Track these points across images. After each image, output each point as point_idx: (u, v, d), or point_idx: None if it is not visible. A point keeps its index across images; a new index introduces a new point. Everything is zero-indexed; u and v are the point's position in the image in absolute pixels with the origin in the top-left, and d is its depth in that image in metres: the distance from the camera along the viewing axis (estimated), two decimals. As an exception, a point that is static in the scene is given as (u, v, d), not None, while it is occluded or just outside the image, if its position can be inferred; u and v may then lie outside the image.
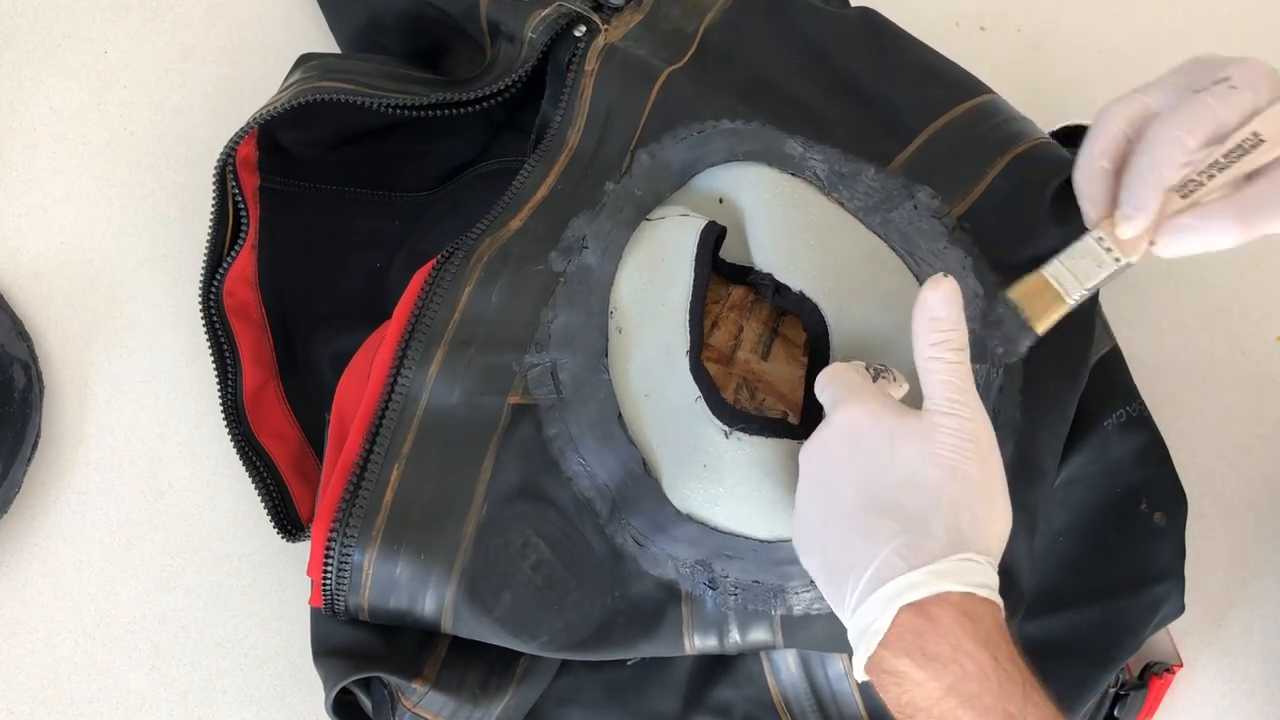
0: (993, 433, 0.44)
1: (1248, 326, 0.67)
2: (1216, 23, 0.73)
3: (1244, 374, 0.67)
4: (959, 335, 0.44)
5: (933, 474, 0.42)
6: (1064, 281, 0.47)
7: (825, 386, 0.47)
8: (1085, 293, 0.47)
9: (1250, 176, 0.45)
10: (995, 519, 0.43)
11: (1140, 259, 0.46)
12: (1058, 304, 0.47)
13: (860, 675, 0.43)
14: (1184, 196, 0.45)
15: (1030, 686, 0.41)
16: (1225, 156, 0.43)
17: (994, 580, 0.42)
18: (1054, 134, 0.60)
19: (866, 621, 0.41)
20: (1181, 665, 0.60)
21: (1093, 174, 0.46)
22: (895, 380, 0.48)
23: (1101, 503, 0.58)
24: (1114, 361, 0.60)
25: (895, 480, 0.43)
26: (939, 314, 0.44)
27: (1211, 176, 0.44)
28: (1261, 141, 0.43)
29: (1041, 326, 0.48)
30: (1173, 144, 0.43)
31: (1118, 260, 0.46)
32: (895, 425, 0.44)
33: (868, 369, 0.48)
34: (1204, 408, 0.66)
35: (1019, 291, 0.48)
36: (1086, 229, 0.48)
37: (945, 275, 0.44)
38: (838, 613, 0.44)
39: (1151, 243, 0.46)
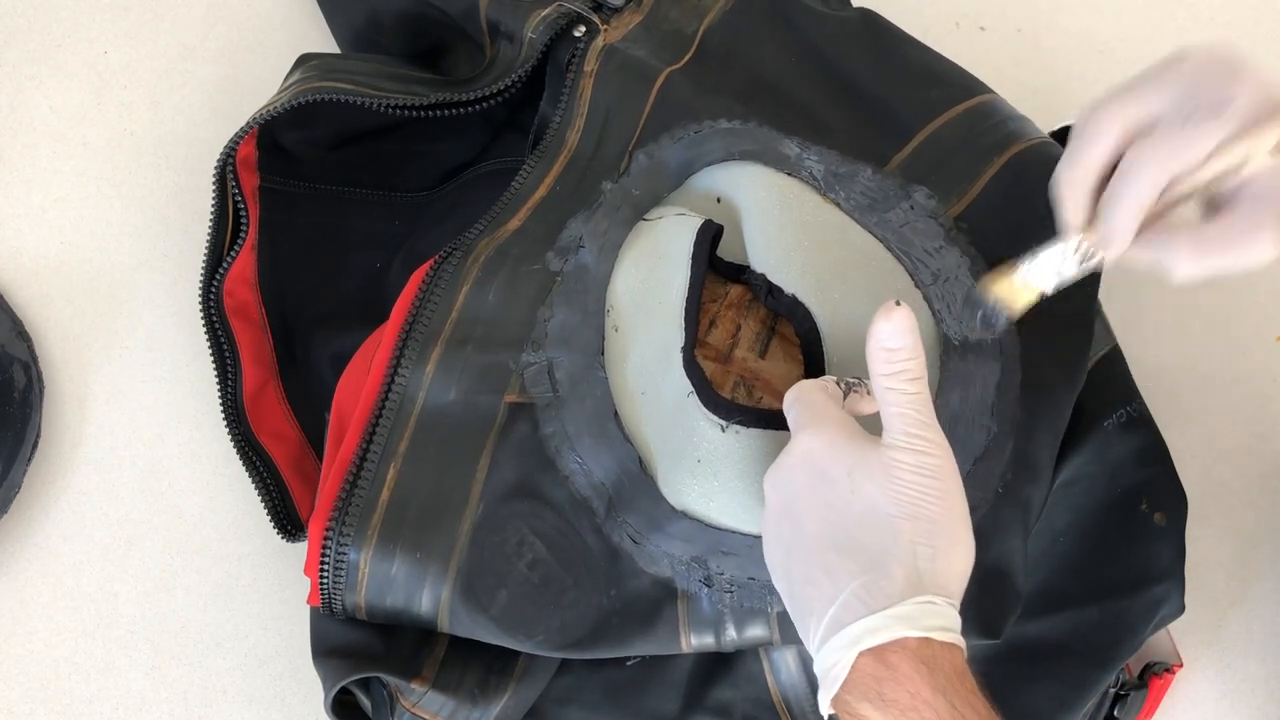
0: (955, 465, 0.43)
1: (1248, 326, 0.67)
2: (1217, 23, 0.73)
3: (1244, 374, 0.67)
4: (916, 364, 0.43)
5: (892, 513, 0.42)
6: (1036, 280, 0.47)
7: (790, 407, 0.46)
8: (1058, 287, 0.48)
9: (1217, 205, 0.44)
10: (956, 556, 0.42)
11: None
12: (1031, 294, 0.48)
13: (825, 713, 0.42)
14: (1159, 213, 0.44)
15: None
16: (1208, 184, 0.43)
17: (954, 621, 0.42)
18: (1054, 134, 0.60)
19: (829, 663, 0.41)
20: (1181, 665, 0.60)
21: (1074, 184, 0.45)
22: (867, 394, 0.47)
23: (1101, 503, 0.57)
24: (1114, 361, 0.60)
25: (855, 517, 0.42)
26: (892, 343, 0.43)
27: (1189, 197, 0.44)
28: (1245, 164, 0.42)
29: (1018, 312, 0.48)
30: (1158, 176, 0.42)
31: (1087, 263, 0.46)
32: (854, 460, 0.43)
33: (838, 384, 0.47)
34: (1204, 408, 0.66)
35: (996, 288, 0.48)
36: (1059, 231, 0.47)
37: (898, 303, 0.43)
38: (805, 645, 0.44)
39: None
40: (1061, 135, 0.60)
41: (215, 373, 0.60)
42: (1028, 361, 0.53)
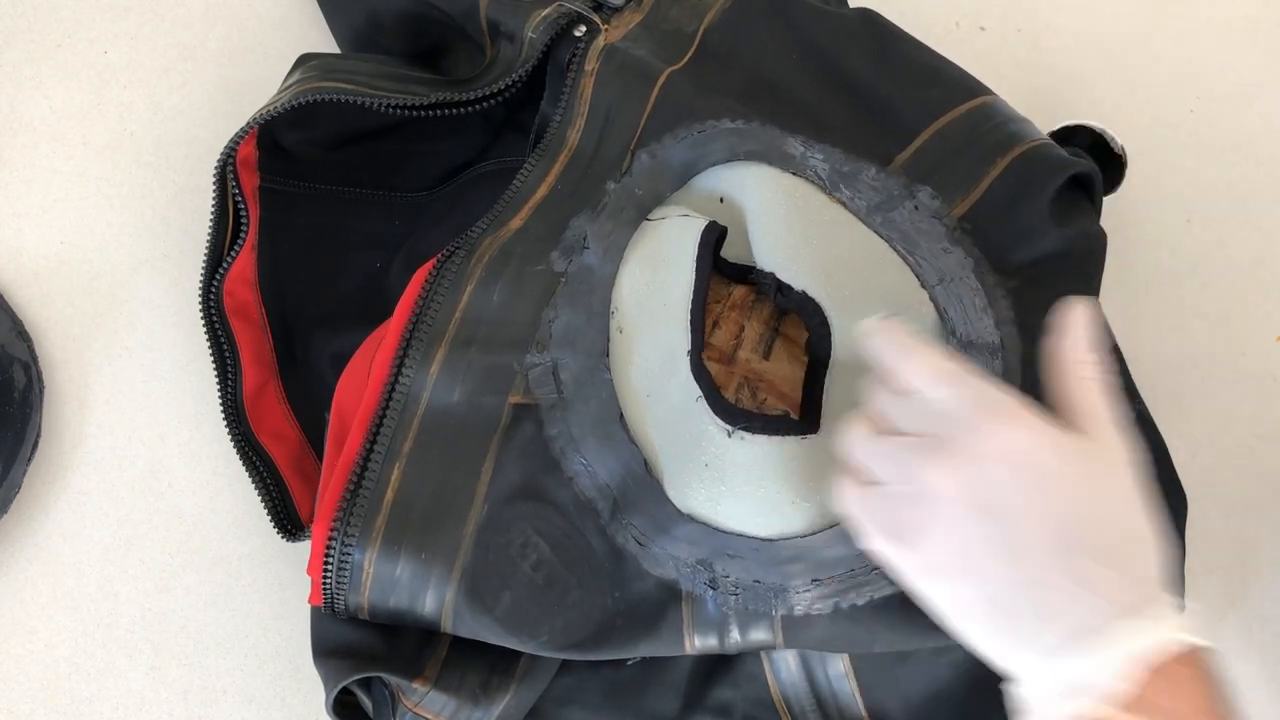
0: None
1: (1248, 326, 0.67)
2: (1215, 23, 0.73)
3: (1244, 374, 0.67)
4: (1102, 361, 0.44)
5: (1137, 513, 0.41)
6: None
7: (934, 384, 0.43)
8: None
9: None
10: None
11: None
12: None
13: None
14: None
15: None
16: None
17: (1209, 626, 0.41)
18: (1053, 134, 0.60)
19: (1079, 674, 0.39)
20: (1182, 665, 0.60)
21: None
22: None
23: (1103, 502, 0.58)
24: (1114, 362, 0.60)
25: (1098, 518, 0.40)
26: (1089, 335, 0.43)
27: None
28: None
29: None
30: None
31: None
32: (1085, 458, 0.41)
33: None
34: (1204, 408, 0.66)
35: None
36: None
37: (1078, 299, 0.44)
38: (1015, 652, 0.41)
39: None
40: (1061, 135, 0.60)
41: (215, 373, 0.60)
42: (1027, 362, 0.53)
